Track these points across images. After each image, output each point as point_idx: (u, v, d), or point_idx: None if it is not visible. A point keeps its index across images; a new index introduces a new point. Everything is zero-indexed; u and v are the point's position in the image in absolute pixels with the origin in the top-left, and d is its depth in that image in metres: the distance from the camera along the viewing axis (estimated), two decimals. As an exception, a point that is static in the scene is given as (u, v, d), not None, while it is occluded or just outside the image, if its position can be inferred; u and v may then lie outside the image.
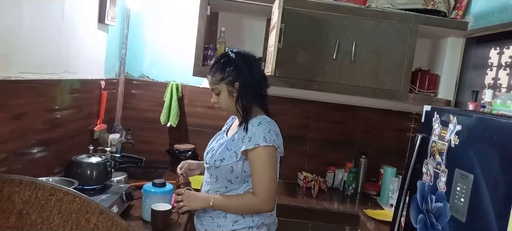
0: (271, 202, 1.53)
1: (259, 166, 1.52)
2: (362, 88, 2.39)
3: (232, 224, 1.59)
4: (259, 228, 1.61)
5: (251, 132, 1.53)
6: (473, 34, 2.37)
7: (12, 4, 1.45)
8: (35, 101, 1.66)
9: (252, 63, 1.62)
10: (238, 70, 1.57)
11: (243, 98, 1.57)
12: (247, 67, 1.58)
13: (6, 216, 1.19)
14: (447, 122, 1.54)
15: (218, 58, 1.63)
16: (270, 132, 1.53)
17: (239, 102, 1.58)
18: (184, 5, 2.67)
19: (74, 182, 1.68)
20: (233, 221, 1.59)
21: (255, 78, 1.60)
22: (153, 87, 2.73)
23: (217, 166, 1.59)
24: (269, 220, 1.64)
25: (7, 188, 1.20)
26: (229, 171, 1.58)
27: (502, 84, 2.15)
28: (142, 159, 2.40)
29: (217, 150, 1.63)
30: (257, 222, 1.60)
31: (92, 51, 2.21)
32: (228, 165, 1.57)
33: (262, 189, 1.52)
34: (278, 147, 1.57)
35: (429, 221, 1.58)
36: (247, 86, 1.57)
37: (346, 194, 2.64)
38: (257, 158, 1.52)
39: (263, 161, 1.51)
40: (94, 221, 1.20)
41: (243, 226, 1.59)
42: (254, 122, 1.55)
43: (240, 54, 1.62)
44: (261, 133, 1.51)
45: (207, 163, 1.66)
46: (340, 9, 2.33)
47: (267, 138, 1.51)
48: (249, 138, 1.52)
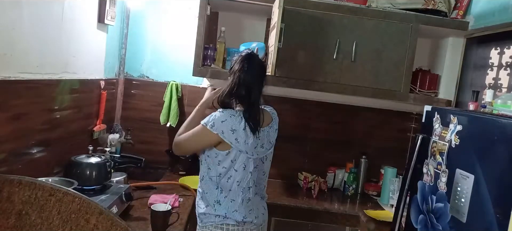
0: (175, 146, 1.80)
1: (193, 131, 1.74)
2: (362, 88, 2.39)
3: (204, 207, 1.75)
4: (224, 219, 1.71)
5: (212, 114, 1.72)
6: (474, 34, 2.37)
7: (12, 4, 1.44)
8: (35, 101, 1.66)
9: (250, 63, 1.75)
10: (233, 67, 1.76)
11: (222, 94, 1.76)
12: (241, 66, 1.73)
13: (6, 217, 1.19)
14: (447, 122, 1.54)
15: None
16: (217, 119, 1.67)
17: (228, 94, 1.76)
18: (184, 5, 2.67)
19: (73, 182, 1.67)
20: (205, 204, 1.75)
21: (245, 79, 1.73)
22: (153, 87, 2.73)
23: None
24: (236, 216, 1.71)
25: (6, 188, 1.19)
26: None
27: (502, 84, 2.14)
28: (141, 159, 2.39)
29: None
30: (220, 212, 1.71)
31: (91, 51, 2.21)
32: None
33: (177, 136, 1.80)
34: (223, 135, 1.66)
35: (429, 221, 1.57)
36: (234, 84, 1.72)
37: (347, 195, 2.64)
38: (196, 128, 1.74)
39: (196, 131, 1.72)
40: (94, 222, 1.19)
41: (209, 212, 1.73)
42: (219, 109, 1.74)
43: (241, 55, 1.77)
44: (211, 116, 1.70)
45: None
46: (340, 9, 2.33)
47: (209, 120, 1.68)
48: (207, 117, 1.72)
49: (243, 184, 1.72)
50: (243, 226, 1.73)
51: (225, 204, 1.71)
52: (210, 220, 1.73)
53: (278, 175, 2.77)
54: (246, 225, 1.74)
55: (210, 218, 1.73)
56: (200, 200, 1.77)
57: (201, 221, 1.76)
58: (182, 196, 2.14)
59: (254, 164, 1.73)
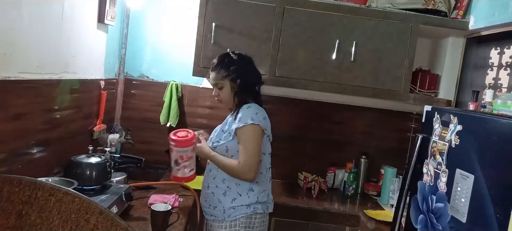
0: (251, 172, 1.76)
1: (244, 141, 1.77)
2: (362, 88, 2.39)
3: (231, 201, 1.81)
4: (255, 205, 1.83)
5: (242, 113, 1.78)
6: (474, 34, 2.37)
7: (12, 4, 1.44)
8: (35, 101, 1.66)
9: (251, 64, 1.91)
10: (240, 69, 1.84)
11: (241, 93, 1.84)
12: (246, 68, 1.88)
13: (6, 216, 1.19)
14: (447, 122, 1.54)
15: (221, 57, 1.88)
16: (258, 114, 1.78)
17: (237, 96, 1.85)
18: (184, 5, 2.67)
19: (73, 182, 1.67)
20: (232, 198, 1.82)
21: (253, 77, 1.89)
22: (153, 87, 2.73)
23: (215, 147, 1.85)
24: (263, 198, 1.86)
25: (6, 188, 1.19)
26: (224, 150, 1.83)
27: (502, 84, 2.15)
28: (141, 159, 2.39)
29: (214, 135, 1.91)
30: (252, 199, 1.82)
31: (91, 51, 2.21)
32: (223, 144, 1.82)
33: (244, 160, 1.76)
34: (265, 129, 1.81)
35: (429, 221, 1.57)
36: (246, 83, 1.84)
37: (347, 194, 2.64)
38: (243, 134, 1.77)
39: (248, 136, 1.76)
40: (94, 222, 1.19)
41: (240, 203, 1.81)
42: (244, 106, 1.81)
43: (241, 56, 1.89)
44: (249, 114, 1.77)
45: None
46: (340, 9, 2.33)
47: (254, 118, 1.76)
48: (240, 118, 1.77)
49: (268, 166, 1.91)
50: (266, 215, 1.91)
51: (257, 190, 1.84)
52: (241, 212, 1.81)
53: (278, 175, 2.77)
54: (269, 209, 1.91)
55: (241, 210, 1.81)
56: (223, 196, 1.82)
57: (229, 216, 1.81)
58: (182, 196, 2.14)
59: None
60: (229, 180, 1.83)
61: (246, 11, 2.31)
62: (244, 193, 1.82)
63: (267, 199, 1.90)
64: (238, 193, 1.82)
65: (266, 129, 1.82)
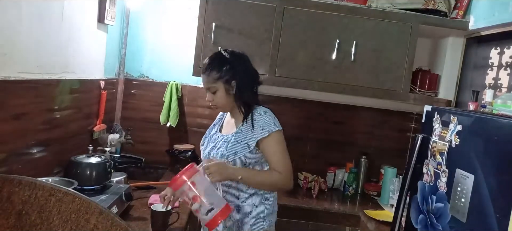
0: (292, 179, 1.65)
1: (276, 148, 1.62)
2: (362, 88, 2.39)
3: (247, 216, 1.66)
4: (270, 217, 1.71)
5: (262, 121, 1.62)
6: (474, 34, 2.37)
7: (12, 4, 1.44)
8: (35, 101, 1.66)
9: (246, 61, 1.70)
10: (234, 68, 1.63)
11: (243, 95, 1.64)
12: (242, 66, 1.66)
13: (6, 216, 1.19)
14: (447, 122, 1.54)
15: (212, 58, 1.67)
16: (275, 119, 1.66)
17: (239, 99, 1.65)
18: (184, 5, 2.67)
19: (73, 182, 1.67)
20: (247, 212, 1.66)
21: (250, 75, 1.68)
22: (153, 87, 2.73)
23: (231, 160, 1.62)
24: (276, 207, 1.76)
25: (6, 188, 1.19)
26: (242, 163, 1.63)
27: (502, 84, 2.15)
28: (141, 159, 2.40)
29: (227, 146, 1.65)
30: (269, 210, 1.69)
31: (91, 51, 2.21)
32: (241, 157, 1.62)
33: (285, 167, 1.62)
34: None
35: (429, 221, 1.57)
36: (243, 84, 1.64)
37: (347, 194, 2.64)
38: (273, 142, 1.62)
39: (279, 143, 1.63)
40: (94, 222, 1.19)
41: (257, 215, 1.67)
42: (259, 112, 1.64)
43: (234, 53, 1.68)
44: (271, 120, 1.63)
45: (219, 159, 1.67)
46: (340, 9, 2.33)
47: (276, 123, 1.64)
48: (261, 127, 1.61)
49: None
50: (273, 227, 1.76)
51: (272, 199, 1.72)
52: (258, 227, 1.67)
53: (278, 175, 2.77)
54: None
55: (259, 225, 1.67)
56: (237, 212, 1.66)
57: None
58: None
59: None
60: (243, 193, 1.66)
61: (246, 11, 2.31)
62: (260, 203, 1.67)
63: (276, 205, 1.78)
64: (254, 205, 1.67)
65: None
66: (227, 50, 1.68)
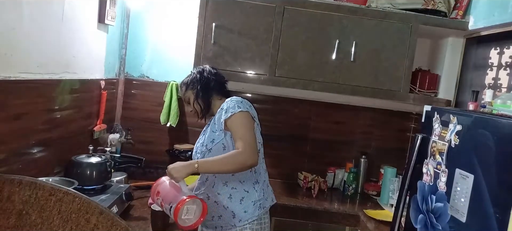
0: (255, 155, 1.63)
1: (238, 126, 1.66)
2: (362, 88, 2.39)
3: (239, 202, 1.70)
4: (262, 201, 1.75)
5: (226, 106, 1.71)
6: (474, 34, 2.37)
7: (12, 4, 1.44)
8: (35, 101, 1.66)
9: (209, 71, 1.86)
10: (196, 76, 1.83)
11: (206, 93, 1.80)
12: (203, 74, 1.84)
13: (6, 216, 1.19)
14: (447, 122, 1.54)
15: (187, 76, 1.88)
16: (243, 102, 1.71)
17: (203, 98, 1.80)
18: (184, 5, 2.67)
19: (74, 182, 1.68)
20: (240, 199, 1.71)
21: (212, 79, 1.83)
22: (153, 87, 2.73)
23: (210, 148, 1.71)
24: (268, 190, 1.82)
25: (7, 188, 1.20)
26: (221, 148, 1.70)
27: (502, 84, 2.15)
28: (142, 159, 2.40)
29: (205, 137, 1.78)
30: (260, 194, 1.74)
31: (92, 51, 2.21)
32: (219, 143, 1.70)
33: (245, 143, 1.61)
34: (254, 117, 1.73)
35: (429, 221, 1.58)
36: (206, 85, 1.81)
37: (346, 194, 2.64)
38: (235, 121, 1.67)
39: (241, 122, 1.67)
40: (94, 221, 1.20)
41: (250, 200, 1.71)
42: (227, 100, 1.75)
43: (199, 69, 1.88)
44: (234, 104, 1.69)
45: (199, 153, 1.77)
46: (340, 9, 2.33)
47: (240, 106, 1.69)
48: (225, 110, 1.69)
49: (262, 156, 1.82)
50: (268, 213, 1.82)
51: (261, 182, 1.77)
52: (253, 215, 1.71)
53: (278, 175, 2.78)
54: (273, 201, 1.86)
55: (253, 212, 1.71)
56: (229, 200, 1.70)
57: (240, 221, 1.70)
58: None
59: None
60: (231, 180, 1.71)
61: (246, 11, 2.32)
62: (251, 188, 1.72)
63: (270, 191, 1.85)
64: (245, 191, 1.71)
65: (255, 117, 1.73)
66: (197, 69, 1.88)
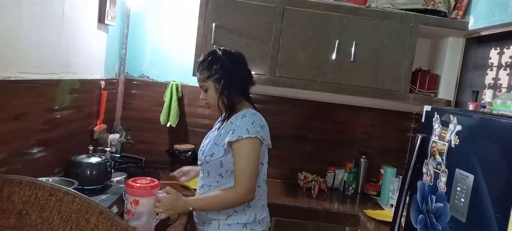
0: (250, 194, 1.55)
1: (240, 157, 1.55)
2: (362, 88, 2.39)
3: (225, 218, 1.62)
4: (252, 226, 1.64)
5: (235, 125, 1.57)
6: (474, 34, 2.37)
7: (12, 4, 1.44)
8: (35, 101, 1.66)
9: (238, 62, 1.67)
10: (224, 68, 1.61)
11: (227, 95, 1.61)
12: (232, 65, 1.63)
13: (6, 216, 1.19)
14: (447, 122, 1.54)
15: (205, 56, 1.66)
16: (254, 124, 1.56)
17: (223, 99, 1.62)
18: (184, 5, 2.67)
19: (74, 182, 1.68)
20: (227, 215, 1.62)
21: (240, 76, 1.65)
22: (153, 87, 2.73)
23: (208, 161, 1.63)
24: (262, 215, 1.69)
25: (7, 188, 1.20)
26: (218, 165, 1.61)
27: (502, 84, 2.15)
28: (142, 159, 2.40)
29: (206, 146, 1.67)
30: (249, 217, 1.63)
31: (92, 51, 2.21)
32: (217, 160, 1.60)
33: (242, 181, 1.53)
34: (264, 139, 1.59)
35: (429, 221, 1.58)
36: (232, 83, 1.62)
37: (346, 194, 2.64)
38: (238, 150, 1.55)
39: (244, 152, 1.54)
40: (94, 221, 1.20)
41: (236, 221, 1.62)
42: (238, 115, 1.60)
43: (226, 52, 1.65)
44: (244, 125, 1.55)
45: (200, 160, 1.69)
46: (340, 9, 2.33)
47: (250, 129, 1.54)
48: (233, 130, 1.56)
49: (265, 177, 1.72)
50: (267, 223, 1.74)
51: (254, 206, 1.65)
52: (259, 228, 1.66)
53: (278, 175, 2.77)
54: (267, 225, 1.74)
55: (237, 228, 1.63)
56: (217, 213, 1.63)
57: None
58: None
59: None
60: None
61: (246, 11, 2.32)
62: (240, 209, 1.62)
63: (266, 214, 1.73)
64: (234, 210, 1.61)
65: (264, 139, 1.59)
66: (221, 49, 1.66)
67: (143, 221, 1.59)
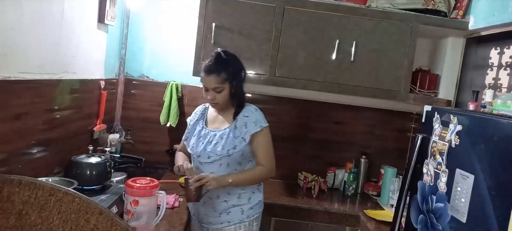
0: (274, 170, 1.87)
1: (266, 143, 1.82)
2: (362, 88, 2.39)
3: (248, 201, 1.84)
4: (261, 201, 1.92)
5: (254, 117, 1.80)
6: (474, 34, 2.37)
7: (12, 4, 1.44)
8: (35, 101, 1.66)
9: (239, 61, 1.87)
10: (235, 68, 1.81)
11: (239, 93, 1.82)
12: (239, 65, 1.84)
13: (6, 216, 1.19)
14: (447, 122, 1.54)
15: (217, 59, 1.79)
16: (263, 115, 1.85)
17: (236, 97, 1.81)
18: (184, 5, 2.67)
19: (73, 182, 1.68)
20: (248, 197, 1.85)
21: (244, 75, 1.86)
22: (153, 87, 2.73)
23: (230, 154, 1.77)
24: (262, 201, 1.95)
25: (6, 188, 1.19)
26: (239, 155, 1.79)
27: (502, 84, 2.15)
28: (141, 159, 2.40)
29: (226, 141, 1.78)
30: (261, 195, 1.92)
31: (91, 51, 2.21)
32: (239, 150, 1.78)
33: (269, 160, 1.83)
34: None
35: (429, 221, 1.58)
36: (242, 82, 1.84)
37: (347, 194, 2.64)
38: (262, 137, 1.80)
39: (266, 138, 1.83)
40: (94, 221, 1.19)
41: (257, 200, 1.87)
42: (250, 108, 1.84)
43: (230, 54, 1.83)
44: (261, 117, 1.83)
45: (217, 154, 1.79)
46: (340, 9, 2.33)
47: (265, 119, 1.83)
48: (254, 122, 1.79)
49: None
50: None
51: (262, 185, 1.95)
52: (257, 211, 1.89)
53: (278, 175, 2.75)
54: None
55: (257, 208, 1.89)
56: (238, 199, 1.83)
57: (248, 217, 1.84)
58: (182, 196, 2.14)
59: None
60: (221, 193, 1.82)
61: (246, 11, 2.32)
62: (256, 189, 1.88)
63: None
64: (252, 191, 1.86)
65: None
66: (223, 50, 1.83)
67: (143, 221, 1.60)
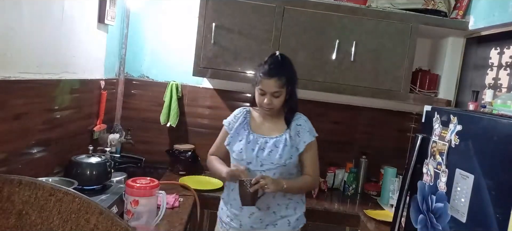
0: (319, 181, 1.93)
1: (314, 152, 1.82)
2: (362, 88, 2.39)
3: (294, 211, 1.82)
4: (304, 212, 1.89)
5: (308, 126, 1.82)
6: (474, 34, 2.37)
7: (12, 4, 1.44)
8: (35, 101, 1.66)
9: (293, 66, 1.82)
10: (292, 71, 1.78)
11: (295, 99, 1.80)
12: (295, 71, 1.81)
13: (6, 216, 1.19)
14: (447, 122, 1.54)
15: (277, 62, 1.73)
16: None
17: (290, 103, 1.78)
18: (184, 5, 2.67)
19: (73, 182, 1.68)
20: (294, 208, 1.82)
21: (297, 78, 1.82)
22: (153, 87, 2.73)
23: (286, 164, 1.75)
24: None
25: (6, 188, 1.19)
26: (293, 165, 1.78)
27: (502, 84, 2.15)
28: (141, 159, 2.40)
29: (283, 150, 1.75)
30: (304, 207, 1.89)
31: (91, 51, 2.21)
32: (294, 160, 1.78)
33: (315, 169, 1.82)
34: None
35: (429, 221, 1.57)
36: (295, 89, 1.80)
37: (347, 194, 2.64)
38: (313, 147, 1.82)
39: (316, 147, 1.83)
40: (94, 221, 1.19)
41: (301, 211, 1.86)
42: (302, 117, 1.84)
43: (289, 59, 1.80)
44: (311, 126, 1.84)
45: (274, 163, 1.75)
46: (340, 9, 2.33)
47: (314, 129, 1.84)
48: (309, 131, 1.80)
49: None
50: None
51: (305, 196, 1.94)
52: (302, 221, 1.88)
53: (278, 175, 2.77)
54: None
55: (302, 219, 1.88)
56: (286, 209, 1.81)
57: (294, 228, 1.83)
58: (182, 196, 2.14)
59: None
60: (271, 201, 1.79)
61: (246, 11, 2.32)
62: (300, 199, 1.87)
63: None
64: (296, 202, 1.84)
65: None
66: (282, 55, 1.77)
67: (143, 221, 1.60)
